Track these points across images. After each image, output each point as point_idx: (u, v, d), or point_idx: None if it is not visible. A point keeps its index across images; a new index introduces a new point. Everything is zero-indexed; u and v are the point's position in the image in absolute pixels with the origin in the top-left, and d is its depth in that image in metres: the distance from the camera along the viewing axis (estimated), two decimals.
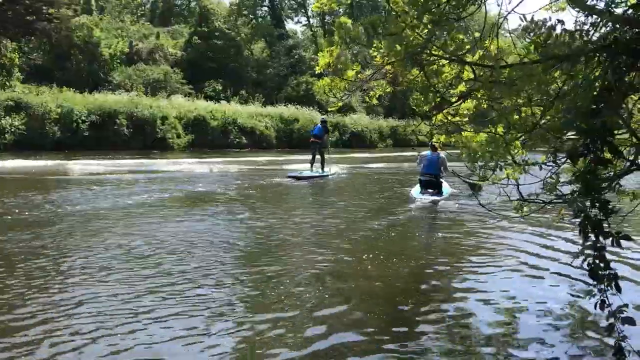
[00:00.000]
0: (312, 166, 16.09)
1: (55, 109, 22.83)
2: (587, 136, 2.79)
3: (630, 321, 3.13)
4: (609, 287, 3.12)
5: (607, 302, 3.17)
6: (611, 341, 3.44)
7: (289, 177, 14.85)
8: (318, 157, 16.13)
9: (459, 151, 4.33)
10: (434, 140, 4.86)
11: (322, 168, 16.17)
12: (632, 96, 3.34)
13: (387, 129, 40.53)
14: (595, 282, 3.18)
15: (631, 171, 3.20)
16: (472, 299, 4.67)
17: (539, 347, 3.65)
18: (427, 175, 10.86)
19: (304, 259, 5.85)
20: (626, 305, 3.18)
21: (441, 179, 10.91)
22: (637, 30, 2.87)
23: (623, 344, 3.28)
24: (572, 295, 4.75)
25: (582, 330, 3.99)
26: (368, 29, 3.93)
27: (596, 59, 3.01)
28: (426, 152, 11.06)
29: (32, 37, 32.73)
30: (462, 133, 4.27)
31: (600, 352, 3.54)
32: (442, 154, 10.45)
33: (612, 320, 3.22)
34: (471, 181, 3.87)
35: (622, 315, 3.16)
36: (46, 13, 32.00)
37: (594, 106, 2.77)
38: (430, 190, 10.83)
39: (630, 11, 3.00)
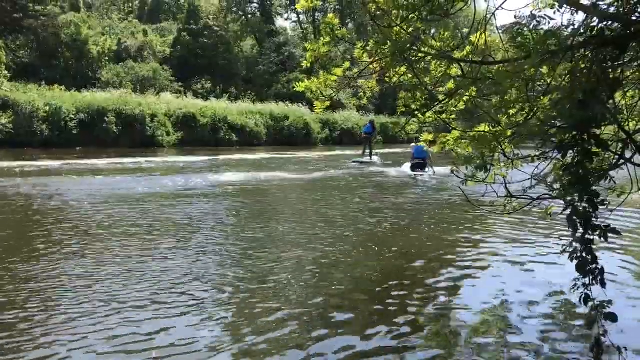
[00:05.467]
0: (363, 155, 21.59)
1: (43, 107, 22.56)
2: (575, 129, 2.80)
3: (612, 317, 3.14)
4: (594, 282, 3.13)
5: (590, 296, 3.19)
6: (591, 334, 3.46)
7: (354, 162, 20.12)
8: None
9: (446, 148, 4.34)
10: (422, 139, 4.91)
11: (371, 156, 21.21)
12: (619, 91, 3.37)
13: (378, 125, 40.49)
14: (580, 276, 3.18)
15: (618, 166, 3.22)
16: (460, 292, 4.71)
17: (518, 339, 3.65)
18: (417, 159, 15.64)
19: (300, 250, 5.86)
20: (610, 302, 3.20)
21: (427, 162, 15.39)
22: (622, 24, 2.89)
23: (603, 338, 3.30)
24: (557, 288, 4.77)
25: (563, 323, 3.99)
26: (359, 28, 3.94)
27: (583, 52, 3.03)
28: (413, 144, 16.13)
29: (19, 35, 32.48)
30: (451, 132, 4.26)
31: (579, 346, 3.55)
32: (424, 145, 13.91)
33: (593, 314, 3.23)
34: (461, 176, 3.88)
35: (605, 311, 3.17)
36: (33, 10, 31.79)
37: (582, 99, 2.78)
38: (418, 170, 15.39)
39: (614, 5, 3.02)
